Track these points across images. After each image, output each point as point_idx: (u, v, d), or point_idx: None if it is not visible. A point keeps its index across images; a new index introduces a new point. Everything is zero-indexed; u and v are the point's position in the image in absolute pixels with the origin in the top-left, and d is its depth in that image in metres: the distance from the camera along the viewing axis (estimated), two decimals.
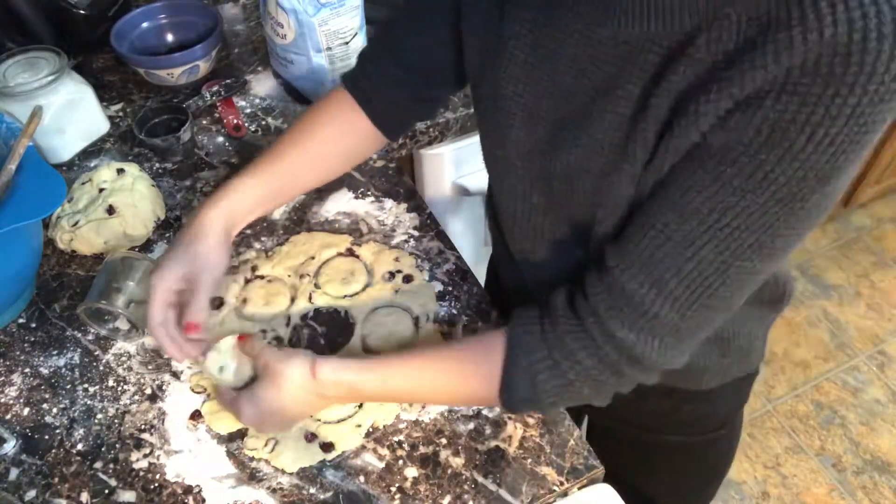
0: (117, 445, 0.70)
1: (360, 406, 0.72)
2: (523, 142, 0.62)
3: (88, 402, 0.74)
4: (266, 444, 0.69)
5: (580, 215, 0.60)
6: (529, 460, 0.68)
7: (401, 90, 0.75)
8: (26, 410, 0.73)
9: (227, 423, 0.70)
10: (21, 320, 0.81)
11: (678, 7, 0.48)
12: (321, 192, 0.93)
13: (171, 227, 0.90)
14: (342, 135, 0.78)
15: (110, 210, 0.84)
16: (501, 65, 0.61)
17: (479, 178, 1.18)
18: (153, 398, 0.74)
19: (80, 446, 0.70)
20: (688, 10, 0.48)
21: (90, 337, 0.79)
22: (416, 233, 0.88)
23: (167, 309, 0.68)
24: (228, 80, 1.08)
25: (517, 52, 0.59)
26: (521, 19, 0.59)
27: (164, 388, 0.74)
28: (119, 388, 0.75)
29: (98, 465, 0.69)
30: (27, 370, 0.77)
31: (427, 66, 0.74)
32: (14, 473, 0.69)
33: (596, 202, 0.57)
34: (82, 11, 1.07)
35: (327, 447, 0.69)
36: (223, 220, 0.71)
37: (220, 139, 1.02)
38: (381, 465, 0.68)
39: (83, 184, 0.88)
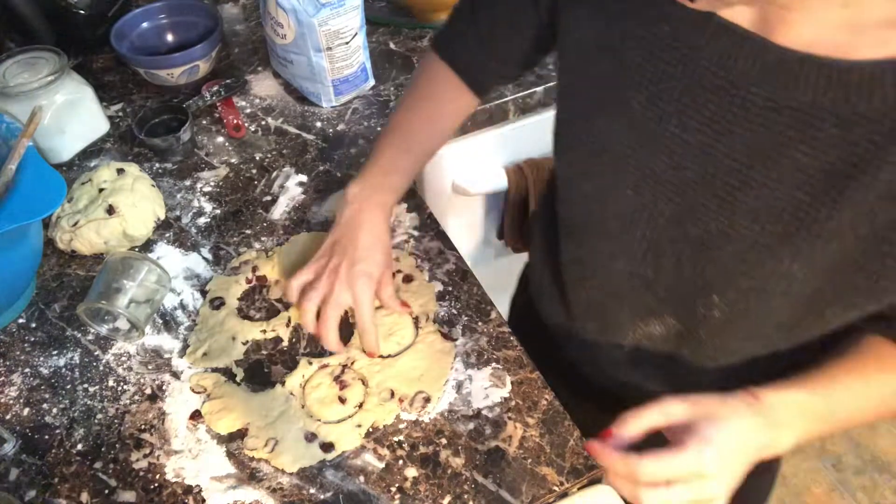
0: (117, 445, 0.70)
1: (360, 406, 0.72)
2: (629, 202, 0.59)
3: (88, 402, 0.74)
4: (266, 444, 0.69)
5: (691, 291, 0.59)
6: (529, 460, 0.68)
7: (488, 57, 0.76)
8: (26, 410, 0.73)
9: (227, 423, 0.71)
10: (21, 320, 0.81)
11: (868, 82, 0.45)
12: (321, 193, 0.93)
13: (171, 227, 0.90)
14: (450, 99, 0.81)
15: (110, 210, 0.84)
16: (602, 116, 0.58)
17: (479, 178, 1.19)
18: (153, 398, 0.74)
19: (80, 446, 0.70)
20: (881, 87, 0.45)
21: (90, 337, 0.79)
22: (416, 233, 0.88)
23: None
24: (228, 80, 1.08)
25: (631, 104, 0.56)
26: (636, 70, 0.55)
27: (164, 388, 0.74)
28: (119, 388, 0.75)
29: (98, 465, 0.69)
30: (27, 370, 0.77)
31: (503, 46, 0.74)
32: (14, 473, 0.69)
33: (730, 275, 0.55)
34: (82, 11, 1.07)
35: (327, 447, 0.69)
36: (387, 212, 0.75)
37: (220, 139, 1.02)
38: (381, 465, 0.68)
39: (83, 184, 0.88)
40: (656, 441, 0.56)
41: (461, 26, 0.77)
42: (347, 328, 0.79)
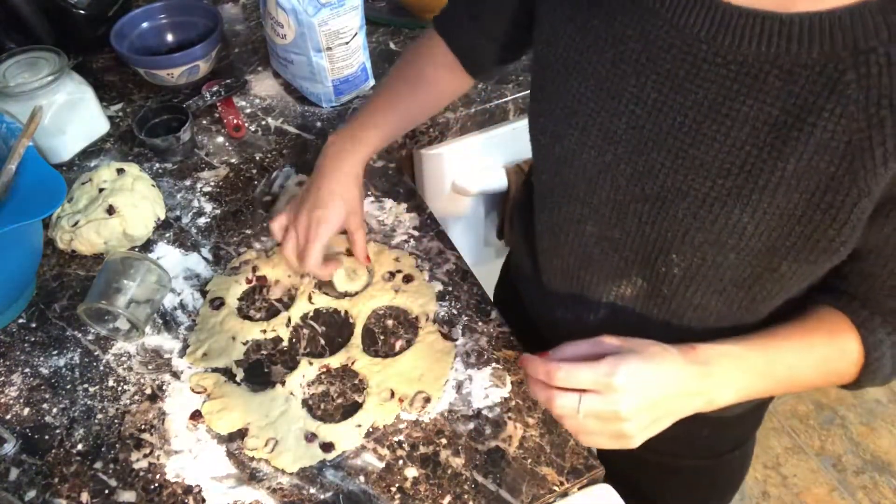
0: (117, 445, 0.70)
1: (362, 406, 0.72)
2: (594, 163, 0.61)
3: (88, 402, 0.74)
4: (266, 444, 0.69)
5: (653, 249, 0.61)
6: (529, 460, 0.68)
7: (479, 34, 0.78)
8: (26, 410, 0.73)
9: (227, 423, 0.71)
10: (21, 320, 0.81)
11: (807, 32, 0.48)
12: None
13: (171, 227, 0.90)
14: (442, 73, 0.83)
15: (110, 210, 0.84)
16: (572, 80, 0.60)
17: (478, 178, 1.19)
18: (153, 398, 0.74)
19: (80, 446, 0.70)
20: (819, 37, 0.47)
21: (90, 337, 0.79)
22: (416, 233, 0.88)
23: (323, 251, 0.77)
24: (228, 80, 1.08)
25: (596, 66, 0.58)
26: (599, 34, 0.57)
27: (164, 388, 0.74)
28: (119, 388, 0.75)
29: (98, 465, 0.69)
30: (27, 370, 0.77)
31: (490, 24, 0.76)
32: (14, 473, 0.69)
33: (685, 231, 0.57)
34: (82, 11, 1.07)
35: (327, 447, 0.69)
36: (357, 162, 0.79)
37: (220, 139, 1.02)
38: (381, 465, 0.68)
39: (83, 184, 0.88)
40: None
41: (459, 4, 0.79)
42: (348, 329, 0.79)
